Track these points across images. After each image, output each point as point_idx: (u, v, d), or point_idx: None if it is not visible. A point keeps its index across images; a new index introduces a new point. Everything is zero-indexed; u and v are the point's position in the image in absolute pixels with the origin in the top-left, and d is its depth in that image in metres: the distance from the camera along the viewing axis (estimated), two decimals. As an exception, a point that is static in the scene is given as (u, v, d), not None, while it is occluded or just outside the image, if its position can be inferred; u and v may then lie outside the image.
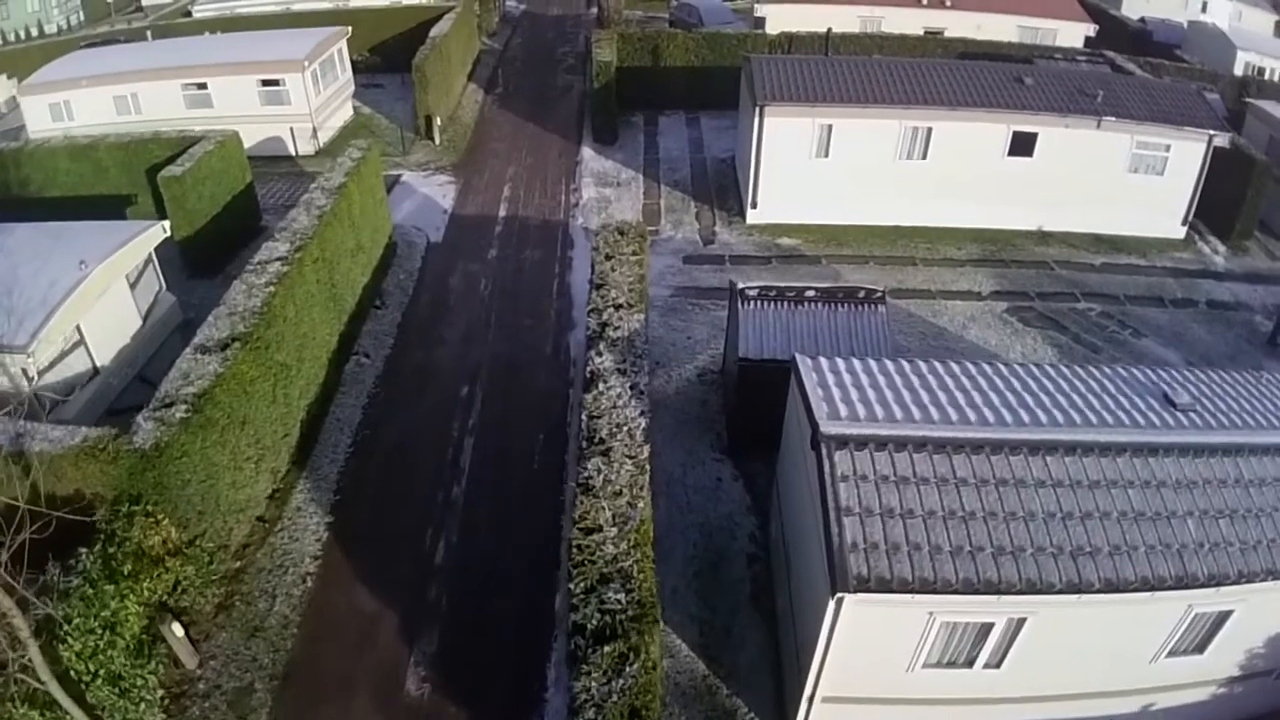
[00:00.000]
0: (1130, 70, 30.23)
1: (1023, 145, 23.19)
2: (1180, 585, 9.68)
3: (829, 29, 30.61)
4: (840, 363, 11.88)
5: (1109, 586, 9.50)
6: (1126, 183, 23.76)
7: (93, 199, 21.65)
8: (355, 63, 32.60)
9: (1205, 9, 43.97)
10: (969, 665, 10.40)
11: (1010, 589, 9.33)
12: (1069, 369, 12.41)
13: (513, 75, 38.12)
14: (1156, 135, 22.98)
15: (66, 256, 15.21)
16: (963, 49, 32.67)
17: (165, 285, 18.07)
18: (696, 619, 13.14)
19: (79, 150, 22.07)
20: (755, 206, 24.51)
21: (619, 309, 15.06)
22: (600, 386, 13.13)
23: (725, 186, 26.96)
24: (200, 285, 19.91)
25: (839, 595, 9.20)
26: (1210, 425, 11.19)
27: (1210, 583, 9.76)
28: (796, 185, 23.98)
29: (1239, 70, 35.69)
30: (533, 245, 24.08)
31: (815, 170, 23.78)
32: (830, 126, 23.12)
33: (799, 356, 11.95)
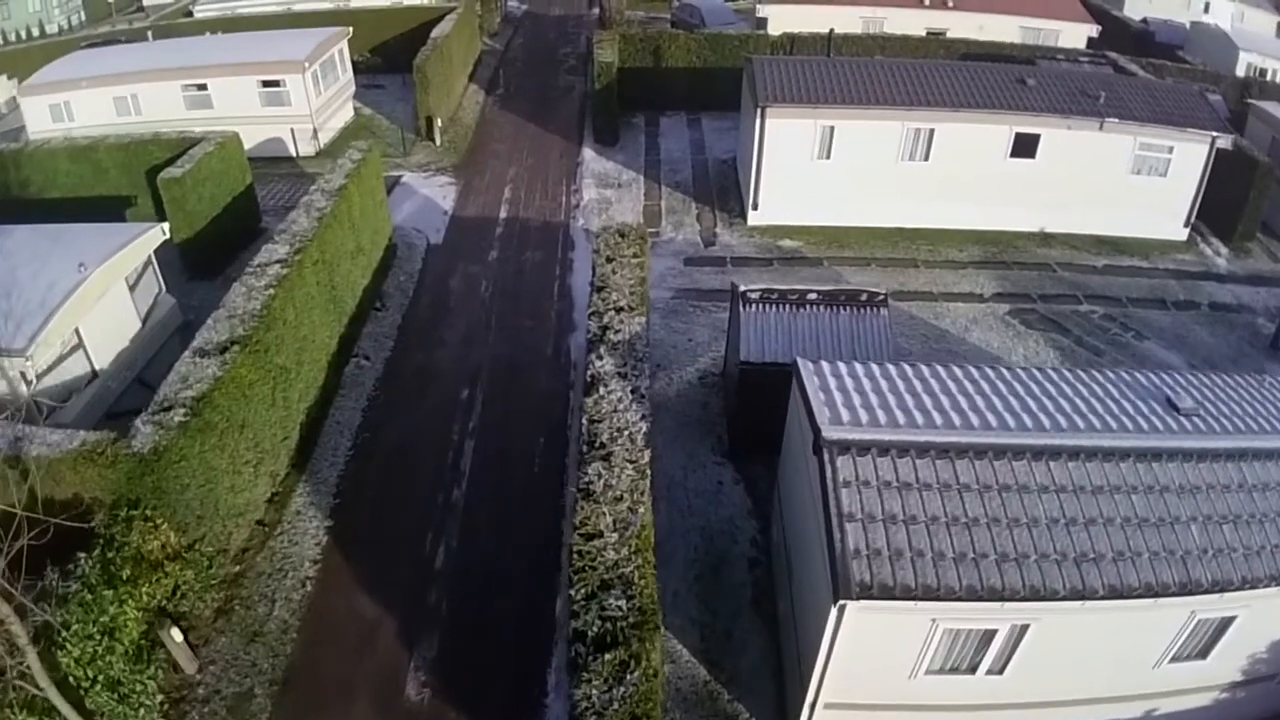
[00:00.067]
0: (1133, 71, 30.18)
1: (1025, 147, 23.13)
2: (1184, 591, 9.64)
3: (831, 30, 30.51)
4: (842, 367, 11.82)
5: (1113, 593, 9.45)
6: (1129, 184, 23.70)
7: (92, 200, 21.59)
8: (356, 63, 32.57)
9: (1207, 10, 43.91)
10: (972, 672, 10.36)
11: (1014, 596, 9.28)
12: (1072, 373, 12.35)
13: (514, 76, 38.05)
14: (1159, 137, 22.91)
15: (65, 259, 15.16)
16: (965, 50, 32.63)
17: (165, 287, 18.02)
18: (697, 623, 13.10)
19: (79, 151, 22.02)
20: (756, 208, 24.46)
21: (620, 312, 15.00)
22: (601, 390, 13.06)
23: (726, 188, 26.89)
24: (200, 287, 19.86)
25: (841, 603, 9.16)
26: (1214, 430, 11.15)
27: (1214, 589, 9.73)
28: (798, 187, 23.93)
29: (1241, 71, 35.65)
30: (533, 247, 24.03)
31: (817, 172, 23.72)
32: (832, 128, 23.05)
33: (801, 360, 11.88)
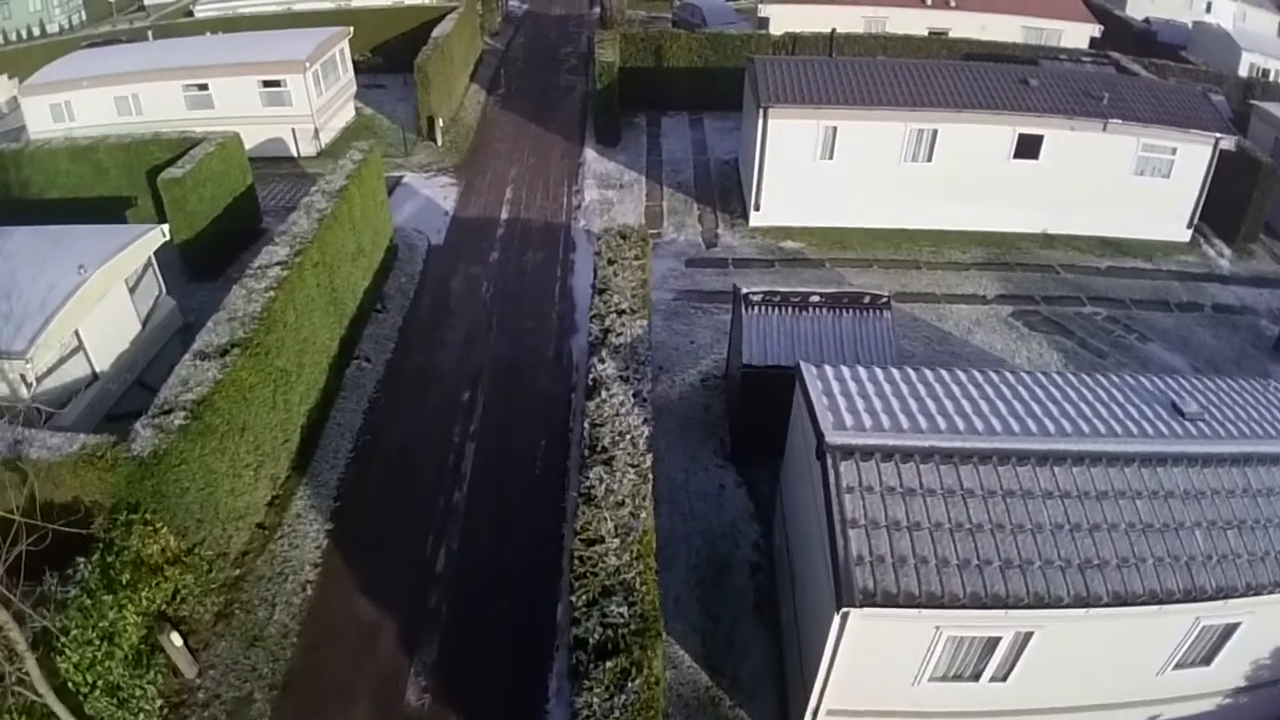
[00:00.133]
0: (1135, 71, 30.09)
1: (1028, 148, 23.06)
2: (1189, 598, 9.58)
3: (833, 29, 30.42)
4: (845, 371, 11.77)
5: (1117, 600, 9.40)
6: (1132, 185, 23.63)
7: (93, 201, 21.55)
8: (357, 63, 32.51)
9: (1209, 10, 43.78)
10: (975, 679, 10.30)
11: (1018, 603, 9.23)
12: (1076, 377, 12.29)
13: (515, 76, 37.98)
14: (1162, 138, 22.84)
15: (65, 261, 15.11)
16: (967, 50, 32.54)
17: (165, 289, 17.96)
18: (699, 628, 13.04)
19: (79, 152, 21.98)
20: (758, 209, 24.39)
21: (621, 314, 14.94)
22: (603, 394, 13.00)
23: (728, 188, 26.81)
24: (201, 288, 19.81)
25: (844, 610, 9.10)
26: (1219, 434, 11.10)
27: (1219, 595, 9.66)
28: (800, 187, 23.86)
29: (1243, 71, 35.54)
30: (535, 248, 23.97)
31: (819, 172, 23.65)
32: (835, 128, 22.98)
33: (804, 365, 11.82)
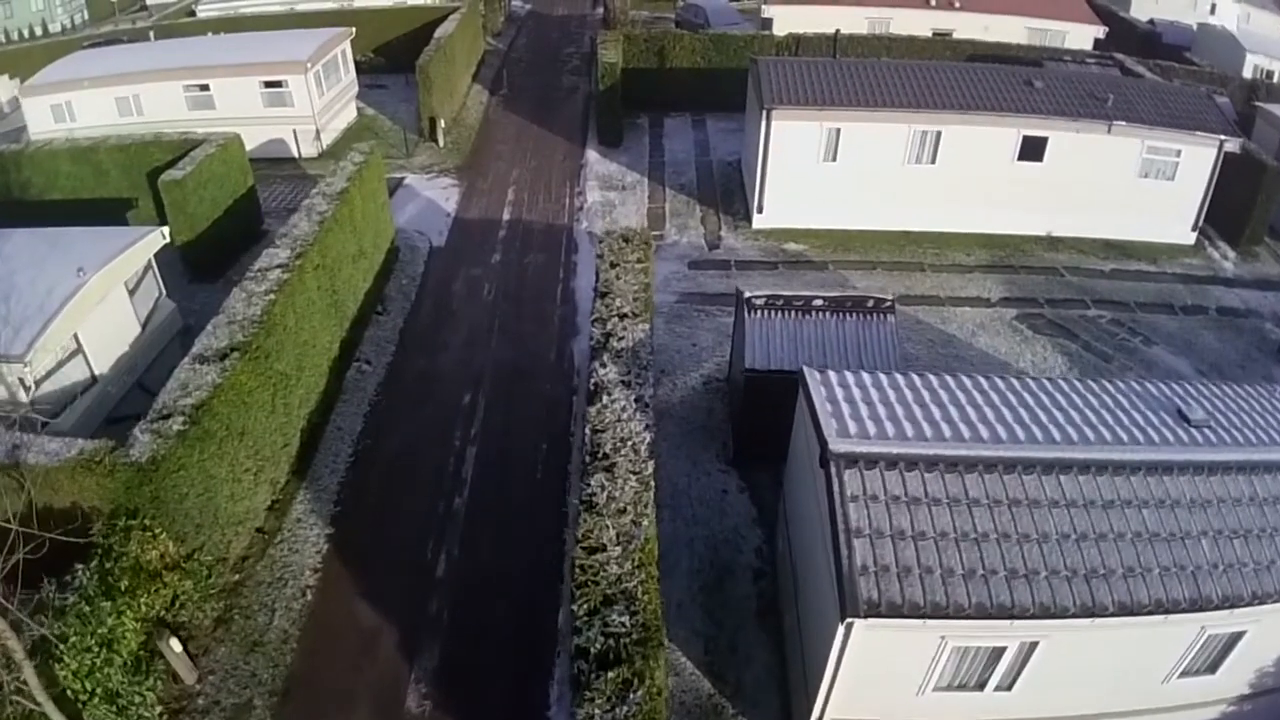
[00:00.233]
0: (1140, 73, 29.99)
1: (1033, 150, 22.95)
2: (1194, 608, 9.51)
3: (837, 30, 30.33)
4: (849, 376, 11.66)
5: (1123, 610, 9.31)
6: (1137, 188, 23.52)
7: (93, 202, 21.51)
8: (359, 63, 32.45)
9: (1213, 11, 43.63)
10: (980, 688, 10.23)
11: (1023, 613, 9.14)
12: (1081, 383, 12.18)
13: (517, 76, 37.91)
14: (1167, 140, 22.74)
15: (64, 263, 15.04)
16: (971, 51, 32.47)
17: (165, 291, 17.88)
18: (702, 635, 12.96)
19: (80, 153, 21.93)
20: (761, 211, 24.31)
21: (624, 318, 14.84)
22: (604, 399, 12.90)
23: (731, 190, 26.73)
24: (201, 290, 19.75)
25: (849, 620, 9.01)
26: (1225, 442, 10.99)
27: (1224, 604, 9.59)
28: (803, 189, 23.77)
29: (1248, 73, 35.43)
30: (537, 250, 23.89)
31: (823, 174, 23.55)
32: (838, 130, 22.87)
33: (807, 370, 11.71)
